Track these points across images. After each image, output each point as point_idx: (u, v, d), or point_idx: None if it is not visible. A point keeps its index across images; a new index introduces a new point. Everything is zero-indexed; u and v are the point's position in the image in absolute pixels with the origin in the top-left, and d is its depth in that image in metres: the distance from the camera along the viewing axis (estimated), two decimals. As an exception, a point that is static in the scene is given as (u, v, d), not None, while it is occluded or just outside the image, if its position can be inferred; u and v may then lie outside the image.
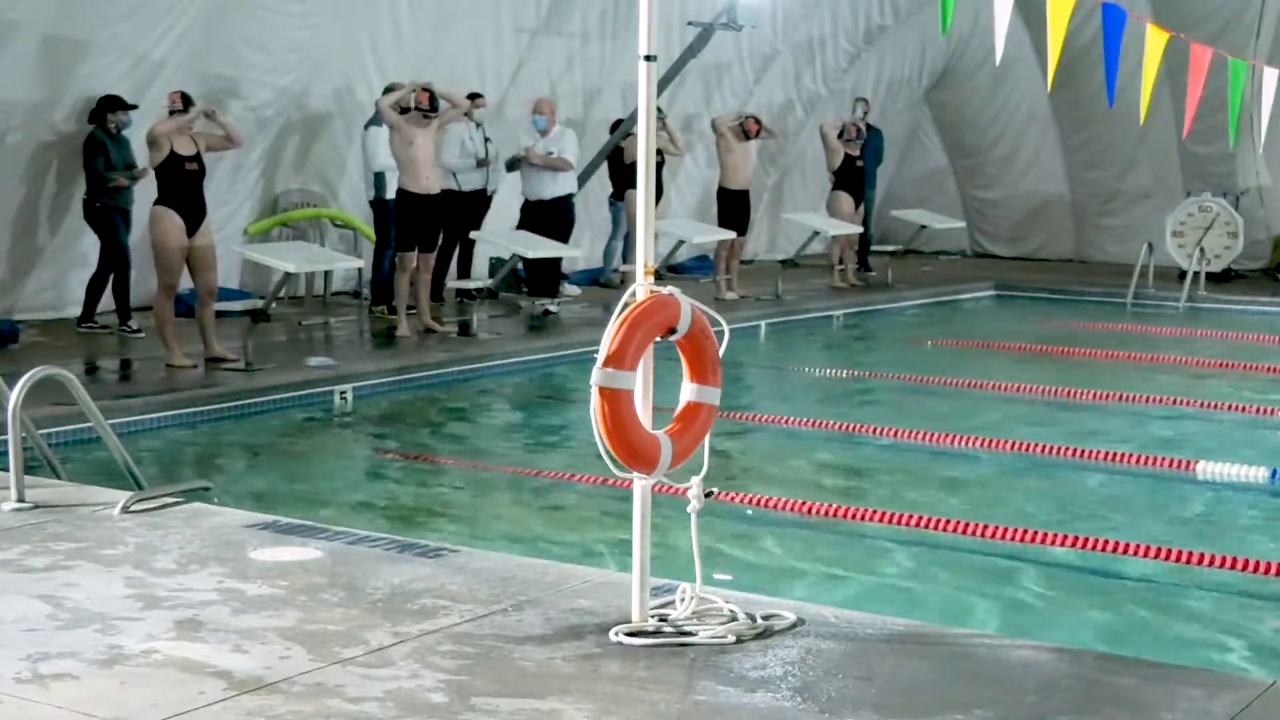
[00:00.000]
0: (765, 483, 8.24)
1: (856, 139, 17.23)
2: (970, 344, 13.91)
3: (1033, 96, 20.03)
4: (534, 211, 14.11)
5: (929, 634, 4.93)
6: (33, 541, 5.77)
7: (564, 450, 9.31)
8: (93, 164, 11.90)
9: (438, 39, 14.88)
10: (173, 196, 10.43)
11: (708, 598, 4.91)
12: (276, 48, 13.49)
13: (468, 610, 4.97)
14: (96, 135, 11.94)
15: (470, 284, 14.21)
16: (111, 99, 11.95)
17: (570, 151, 14.31)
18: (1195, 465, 8.57)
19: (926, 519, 7.32)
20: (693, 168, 18.35)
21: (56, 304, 12.91)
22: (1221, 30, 17.25)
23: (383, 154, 13.17)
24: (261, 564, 5.50)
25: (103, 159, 11.85)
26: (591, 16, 16.37)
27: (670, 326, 4.69)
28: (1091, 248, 20.63)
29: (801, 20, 18.82)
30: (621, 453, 4.54)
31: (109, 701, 4.14)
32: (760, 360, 13.20)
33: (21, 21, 11.66)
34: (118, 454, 6.75)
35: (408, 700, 4.17)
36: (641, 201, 4.75)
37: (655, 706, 4.15)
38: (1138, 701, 4.26)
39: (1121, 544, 6.86)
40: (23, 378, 6.38)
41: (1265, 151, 16.89)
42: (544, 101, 14.37)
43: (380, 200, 13.58)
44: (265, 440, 9.52)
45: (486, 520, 7.72)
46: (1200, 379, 11.96)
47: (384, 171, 13.33)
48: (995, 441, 9.25)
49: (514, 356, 11.99)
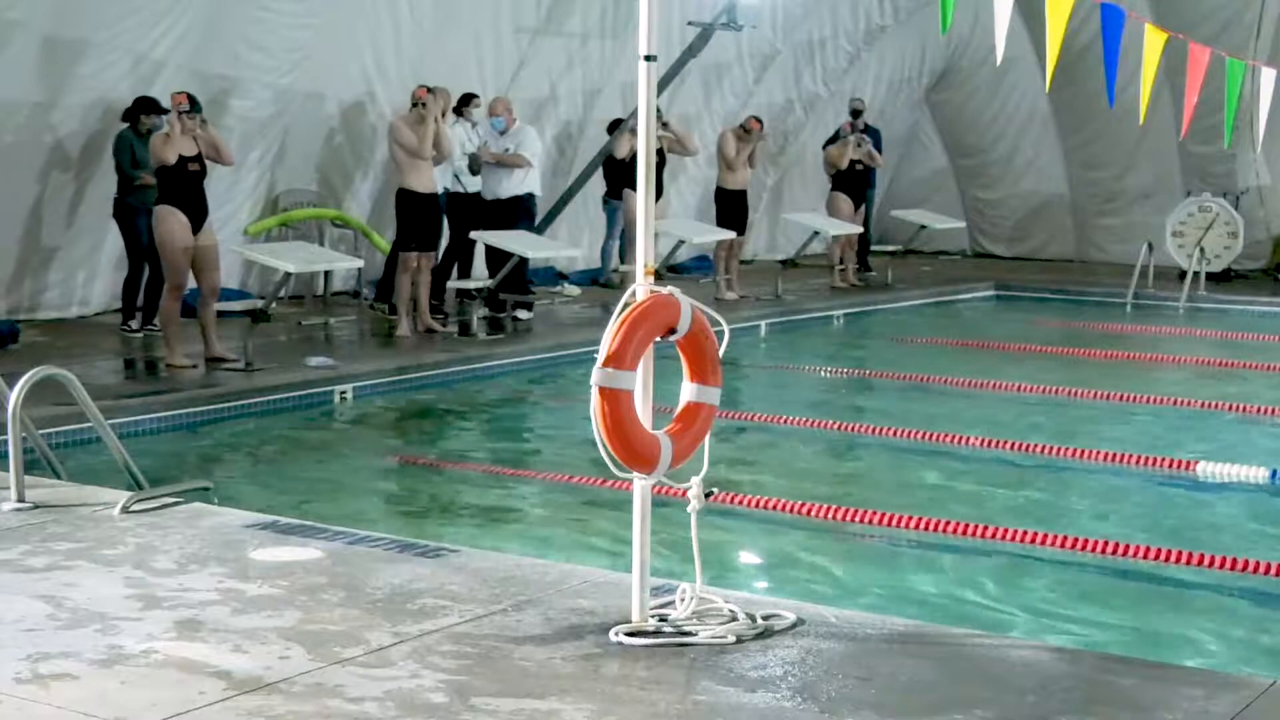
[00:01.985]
0: (764, 483, 8.24)
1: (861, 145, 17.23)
2: (970, 344, 13.91)
3: (1033, 96, 20.01)
4: (492, 211, 13.82)
5: (929, 634, 4.93)
6: (33, 541, 5.78)
7: (564, 450, 9.30)
8: (121, 163, 11.96)
9: (438, 39, 14.88)
10: (176, 196, 10.44)
11: (708, 598, 4.91)
12: (276, 48, 13.49)
13: (468, 610, 4.97)
14: (126, 135, 11.99)
15: (470, 284, 14.19)
16: (147, 101, 11.97)
17: (529, 148, 13.96)
18: (1195, 465, 8.57)
19: (926, 519, 7.32)
20: (693, 168, 18.34)
21: (57, 304, 12.91)
22: (1221, 30, 17.24)
23: None
24: (261, 564, 5.50)
25: (129, 158, 11.90)
26: (591, 16, 16.36)
27: (670, 326, 4.69)
28: (1091, 248, 20.62)
29: (801, 20, 18.82)
30: (621, 453, 4.55)
31: (109, 701, 4.14)
32: (760, 360, 13.20)
33: (21, 21, 11.66)
34: (118, 454, 6.76)
35: (408, 700, 4.17)
36: (641, 201, 4.75)
37: (655, 706, 4.16)
38: (1138, 701, 4.27)
39: (1121, 545, 6.87)
40: (23, 378, 6.38)
41: (1265, 151, 16.88)
42: (499, 101, 14.18)
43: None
44: (265, 440, 9.52)
45: (487, 520, 7.72)
46: (1200, 379, 11.96)
47: None
48: (995, 441, 9.24)
49: (514, 356, 11.98)
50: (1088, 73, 15.70)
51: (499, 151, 13.84)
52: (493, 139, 13.94)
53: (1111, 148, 19.81)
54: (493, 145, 13.90)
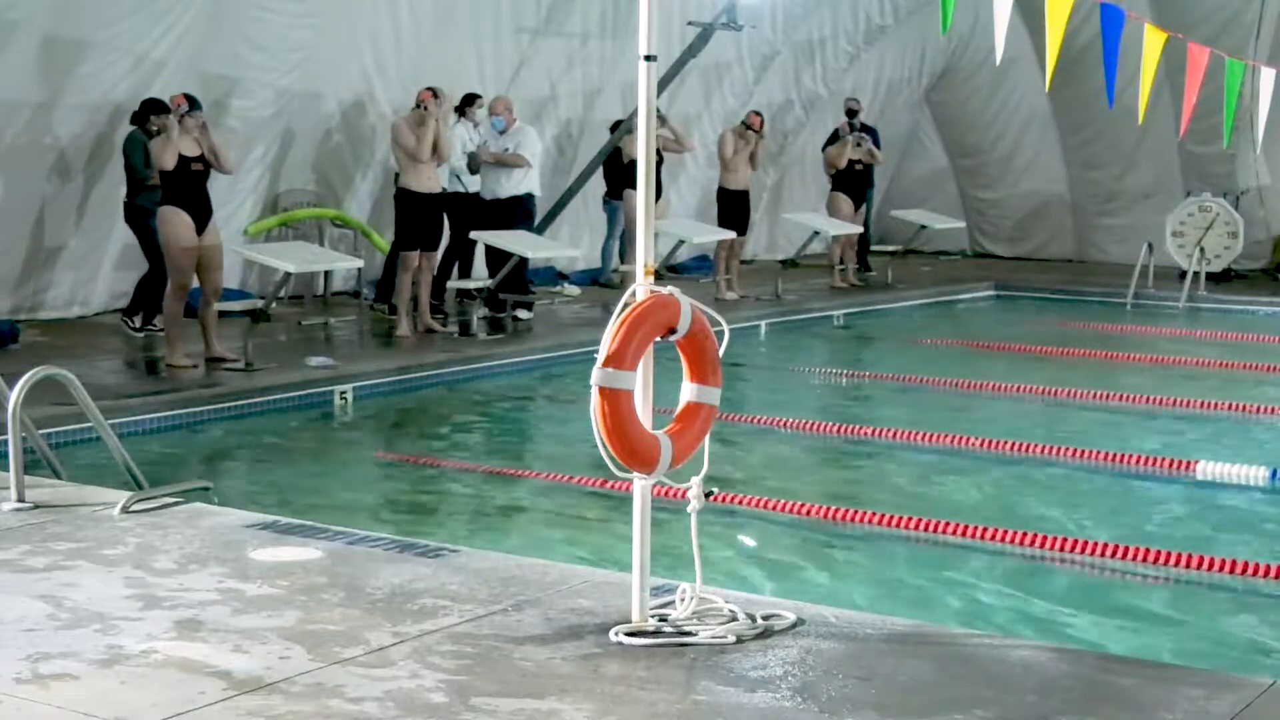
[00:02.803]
0: (764, 483, 8.24)
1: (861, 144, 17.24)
2: (970, 344, 13.91)
3: (1033, 96, 20.00)
4: (491, 211, 13.80)
5: (929, 634, 4.93)
6: (33, 541, 5.78)
7: (564, 450, 9.30)
8: (134, 162, 11.96)
9: (438, 39, 14.88)
10: (179, 196, 10.44)
11: (708, 598, 4.91)
12: (276, 48, 13.49)
13: (468, 610, 4.97)
14: (137, 136, 11.98)
15: (470, 284, 14.19)
16: (155, 102, 11.96)
17: (528, 149, 13.92)
18: (1195, 465, 8.57)
19: (926, 519, 7.32)
20: (693, 168, 18.35)
21: (57, 304, 12.91)
22: (1221, 30, 17.25)
23: None
24: (261, 564, 5.50)
25: (143, 157, 11.90)
26: (591, 16, 16.36)
27: (670, 326, 4.69)
28: (1091, 248, 20.62)
29: (801, 20, 18.82)
30: (621, 453, 4.55)
31: (109, 701, 4.14)
32: (760, 360, 13.19)
33: (21, 21, 11.66)
34: (118, 454, 6.76)
35: (408, 700, 4.17)
36: (641, 201, 4.75)
37: (655, 706, 4.16)
38: (1138, 701, 4.27)
39: (1121, 546, 6.87)
40: (23, 378, 6.39)
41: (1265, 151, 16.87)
42: (499, 101, 14.17)
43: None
44: (265, 440, 9.52)
45: (486, 520, 7.72)
46: (1200, 379, 11.96)
47: None
48: (995, 441, 9.24)
49: (514, 356, 11.98)
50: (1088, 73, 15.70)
51: (498, 151, 13.82)
52: (492, 138, 13.93)
53: (1111, 148, 19.81)
54: (492, 145, 13.88)
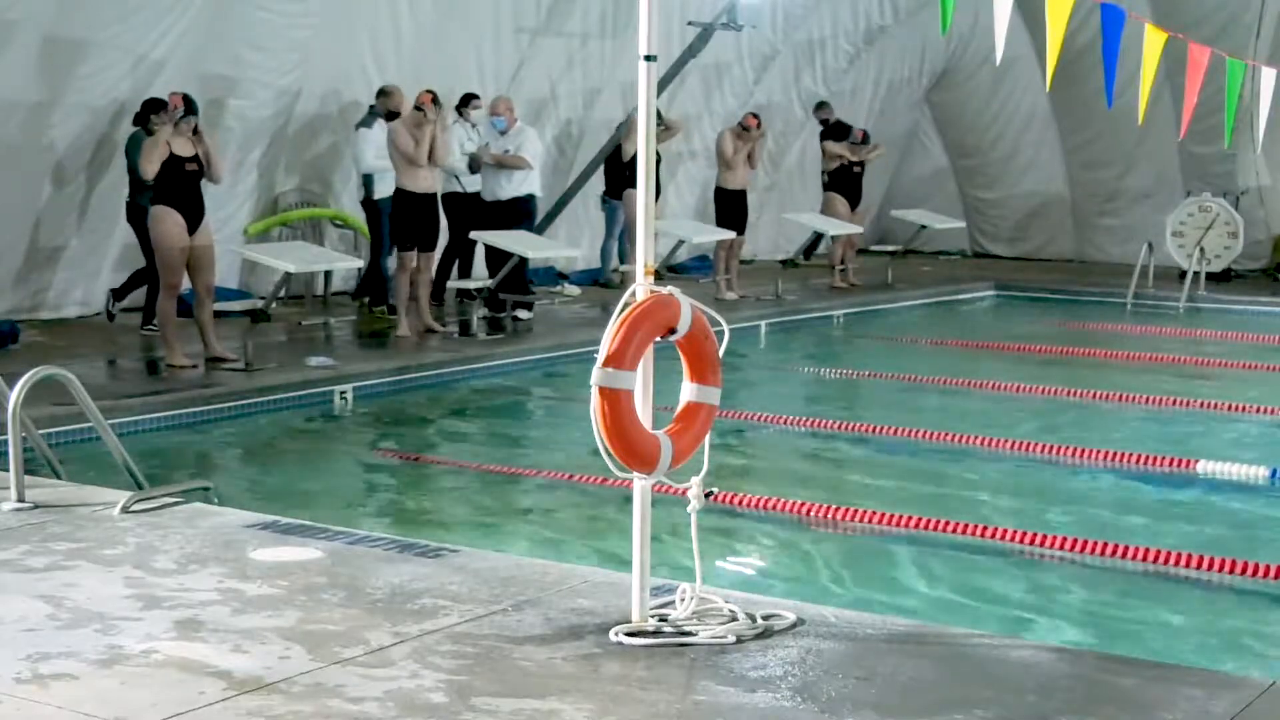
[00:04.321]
0: (764, 483, 8.24)
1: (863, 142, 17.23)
2: (970, 344, 13.91)
3: (1033, 96, 20.02)
4: (491, 212, 13.77)
5: (929, 634, 4.93)
6: (33, 541, 5.78)
7: (564, 450, 9.30)
8: (133, 163, 11.94)
9: (437, 39, 14.87)
10: (172, 196, 10.44)
11: (708, 598, 4.91)
12: (276, 48, 13.49)
13: (468, 610, 4.97)
14: (139, 136, 11.97)
15: (470, 284, 14.19)
16: (158, 102, 11.95)
17: (529, 150, 13.91)
18: (1195, 465, 8.57)
19: (926, 519, 7.32)
20: (693, 167, 18.36)
21: (57, 304, 12.91)
22: (1221, 30, 17.25)
23: (370, 155, 13.26)
24: (261, 564, 5.50)
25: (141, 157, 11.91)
26: (591, 16, 16.36)
27: (670, 326, 4.69)
28: (1091, 248, 20.63)
29: (801, 20, 18.82)
30: (621, 453, 4.55)
31: (109, 701, 4.14)
32: (760, 360, 13.19)
33: (21, 21, 11.65)
34: (118, 454, 6.76)
35: (408, 700, 4.17)
36: (641, 201, 4.75)
37: (655, 706, 4.16)
38: (1138, 701, 4.27)
39: (1121, 546, 6.87)
40: (23, 378, 6.38)
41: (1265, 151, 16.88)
42: (501, 101, 14.16)
43: (370, 201, 13.59)
44: (265, 440, 9.52)
45: (486, 519, 7.72)
46: (1200, 379, 11.96)
47: (372, 173, 13.38)
48: (995, 441, 9.25)
49: (514, 356, 11.98)
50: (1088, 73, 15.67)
51: (499, 152, 13.82)
52: (493, 139, 13.92)
53: (1111, 148, 19.81)
54: (493, 145, 13.88)
